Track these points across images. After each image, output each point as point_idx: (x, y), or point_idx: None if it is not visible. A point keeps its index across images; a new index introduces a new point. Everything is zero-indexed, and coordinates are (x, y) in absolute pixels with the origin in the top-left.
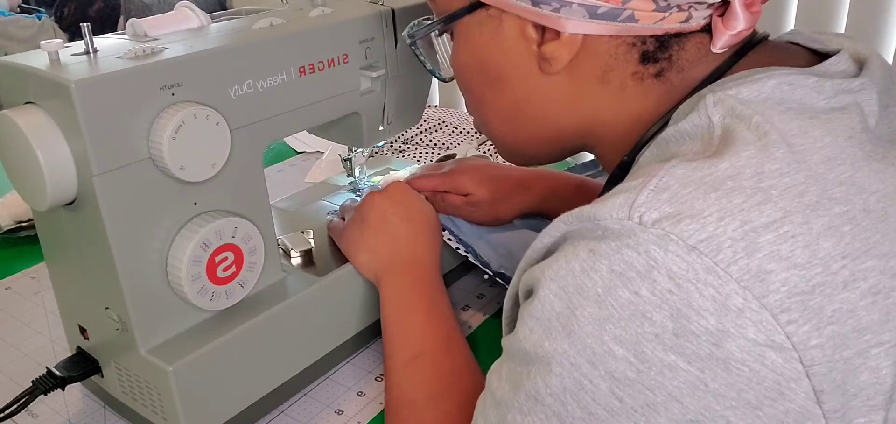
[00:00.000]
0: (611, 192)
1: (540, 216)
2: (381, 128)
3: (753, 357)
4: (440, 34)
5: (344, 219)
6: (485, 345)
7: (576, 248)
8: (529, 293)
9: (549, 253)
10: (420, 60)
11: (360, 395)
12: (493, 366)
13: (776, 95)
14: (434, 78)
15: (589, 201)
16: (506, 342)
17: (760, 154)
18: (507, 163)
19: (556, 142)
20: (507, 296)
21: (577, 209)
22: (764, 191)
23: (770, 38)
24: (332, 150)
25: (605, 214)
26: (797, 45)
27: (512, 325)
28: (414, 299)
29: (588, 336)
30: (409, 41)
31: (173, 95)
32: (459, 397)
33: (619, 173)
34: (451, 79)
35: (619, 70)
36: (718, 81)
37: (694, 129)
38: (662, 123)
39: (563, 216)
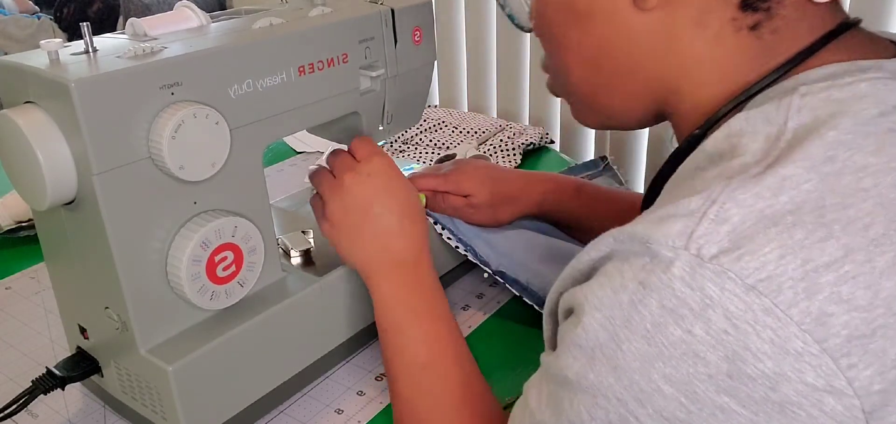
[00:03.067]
0: (667, 213)
1: (538, 217)
2: (380, 128)
3: (811, 402)
4: None
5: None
6: (485, 345)
7: (623, 277)
8: (569, 313)
9: (593, 269)
10: (499, 3)
11: (360, 395)
12: (531, 379)
13: (868, 97)
14: (462, 59)
15: (588, 203)
16: (546, 360)
17: (822, 184)
18: (518, 164)
19: (637, 97)
20: (545, 311)
21: (628, 226)
22: (826, 226)
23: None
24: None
25: (660, 239)
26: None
27: (552, 340)
28: (412, 302)
29: (635, 372)
30: None
31: (173, 94)
32: (473, 408)
33: (686, 147)
34: (531, 30)
35: (717, 12)
36: (812, 78)
37: (765, 124)
38: (740, 100)
39: (612, 232)
